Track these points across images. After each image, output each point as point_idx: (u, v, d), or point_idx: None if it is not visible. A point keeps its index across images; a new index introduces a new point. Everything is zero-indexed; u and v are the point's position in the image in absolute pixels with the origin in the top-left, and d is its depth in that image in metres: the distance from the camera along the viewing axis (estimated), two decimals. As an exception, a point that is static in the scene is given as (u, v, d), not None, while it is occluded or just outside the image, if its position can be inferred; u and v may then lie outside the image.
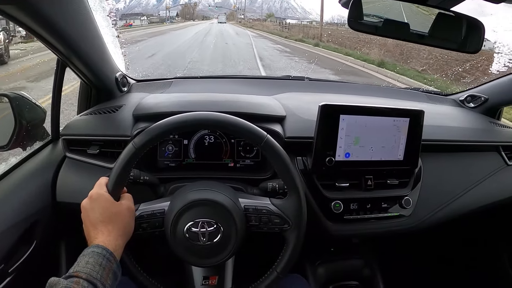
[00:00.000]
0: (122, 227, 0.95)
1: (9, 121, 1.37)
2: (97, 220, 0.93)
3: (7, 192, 1.24)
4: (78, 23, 1.18)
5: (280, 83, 1.99)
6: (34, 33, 1.08)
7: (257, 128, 1.04)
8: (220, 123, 1.03)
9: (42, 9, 0.99)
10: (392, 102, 1.67)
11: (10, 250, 1.16)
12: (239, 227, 1.02)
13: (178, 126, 1.03)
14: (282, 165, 1.04)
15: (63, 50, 1.21)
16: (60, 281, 0.77)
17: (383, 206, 1.33)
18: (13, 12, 0.97)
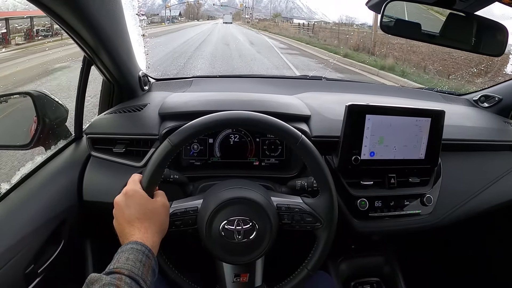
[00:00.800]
0: (158, 224, 0.95)
1: (27, 119, 1.36)
2: (133, 217, 0.92)
3: (34, 191, 1.24)
4: (112, 20, 1.18)
5: (297, 82, 2.02)
6: (69, 28, 1.08)
7: (293, 128, 1.06)
8: (257, 122, 1.05)
9: (83, 4, 1.00)
10: (409, 102, 1.70)
11: (39, 250, 1.15)
12: (273, 225, 1.04)
13: (216, 125, 1.05)
14: (316, 165, 1.06)
15: (94, 46, 1.21)
16: (102, 277, 0.76)
17: (405, 204, 1.36)
18: (54, 7, 0.97)
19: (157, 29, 39.02)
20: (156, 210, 0.96)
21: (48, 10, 0.97)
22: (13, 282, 1.06)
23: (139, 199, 0.95)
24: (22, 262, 1.09)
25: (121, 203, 0.95)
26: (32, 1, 0.91)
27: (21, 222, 1.14)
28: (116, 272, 0.79)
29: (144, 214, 0.93)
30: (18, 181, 1.24)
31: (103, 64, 1.32)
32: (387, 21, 1.21)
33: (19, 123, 1.40)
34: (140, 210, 0.93)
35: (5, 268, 1.03)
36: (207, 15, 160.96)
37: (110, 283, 0.75)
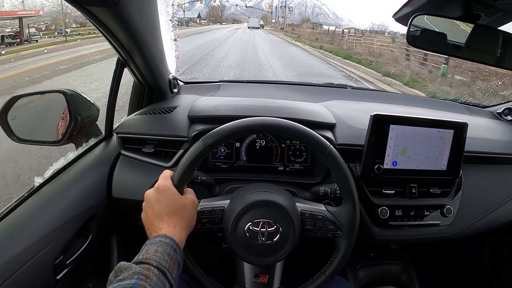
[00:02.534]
0: (186, 220, 0.97)
1: (55, 117, 1.41)
2: (163, 211, 0.94)
3: (66, 186, 1.28)
4: (149, 25, 1.23)
5: (323, 90, 2.03)
6: (107, 31, 1.13)
7: (322, 138, 1.08)
8: (288, 130, 1.07)
9: (126, 12, 1.04)
10: (433, 113, 1.70)
11: (68, 243, 1.20)
12: (296, 230, 1.06)
13: (249, 129, 1.08)
14: (342, 175, 1.09)
15: (130, 49, 1.25)
16: (132, 266, 0.79)
17: (425, 214, 1.37)
18: (99, 14, 1.02)
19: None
20: (185, 206, 0.98)
21: (92, 16, 1.02)
22: (43, 271, 1.11)
23: (169, 194, 0.97)
24: (52, 254, 1.13)
25: (152, 197, 0.97)
26: (77, 7, 0.96)
27: (52, 215, 1.18)
28: (145, 263, 0.81)
29: (174, 210, 0.95)
30: (51, 175, 1.28)
31: (136, 67, 1.37)
32: (413, 32, 1.22)
33: (52, 120, 1.45)
34: (170, 205, 0.96)
35: (36, 258, 1.07)
36: (232, 18, 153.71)
37: (140, 272, 0.77)
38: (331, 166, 1.09)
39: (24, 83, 7.66)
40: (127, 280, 0.75)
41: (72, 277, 1.20)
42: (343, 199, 1.11)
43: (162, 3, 1.27)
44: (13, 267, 1.02)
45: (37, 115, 1.47)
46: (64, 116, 1.41)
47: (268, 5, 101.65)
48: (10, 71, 9.22)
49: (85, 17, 1.03)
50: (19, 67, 9.18)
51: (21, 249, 1.05)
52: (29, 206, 1.17)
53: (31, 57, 11.38)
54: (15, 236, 1.08)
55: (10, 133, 1.33)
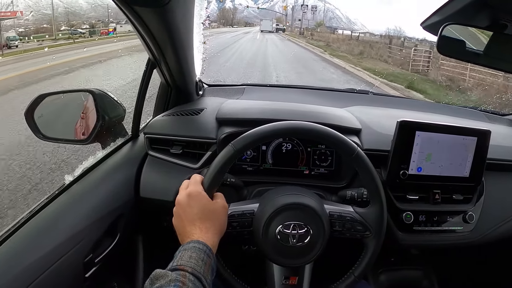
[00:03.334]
0: (218, 225, 0.98)
1: (74, 116, 1.43)
2: (196, 216, 0.95)
3: (95, 185, 1.29)
4: (186, 29, 1.24)
5: (345, 95, 2.05)
6: (148, 33, 1.15)
7: (349, 140, 1.10)
8: (317, 133, 1.09)
9: (171, 14, 1.06)
10: (454, 119, 1.71)
11: (98, 241, 1.20)
12: (326, 231, 1.08)
13: (278, 133, 1.10)
14: (370, 176, 1.10)
15: (165, 51, 1.27)
16: (168, 273, 0.79)
17: (448, 220, 1.38)
18: (144, 14, 1.03)
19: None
20: (217, 211, 0.99)
21: (136, 16, 1.03)
22: (73, 269, 1.11)
23: (201, 200, 0.98)
24: (82, 251, 1.14)
25: (183, 203, 0.98)
26: (126, 7, 0.97)
27: (83, 212, 1.19)
28: (180, 269, 0.81)
29: (206, 215, 0.96)
30: (80, 174, 1.29)
31: (167, 67, 1.38)
32: (442, 40, 1.23)
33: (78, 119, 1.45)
34: (202, 210, 0.96)
35: (67, 256, 1.08)
36: (244, 21, 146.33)
37: (176, 279, 0.77)
38: (359, 168, 1.11)
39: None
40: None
41: (99, 275, 1.21)
42: (371, 200, 1.13)
43: (197, 6, 1.28)
44: (46, 264, 1.02)
45: (64, 114, 1.47)
46: (84, 116, 1.42)
47: (283, 7, 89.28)
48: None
49: (127, 17, 1.05)
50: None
51: (52, 247, 1.05)
52: (60, 204, 1.18)
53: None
54: (47, 233, 1.08)
55: (36, 131, 1.34)
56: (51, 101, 1.38)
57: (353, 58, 19.90)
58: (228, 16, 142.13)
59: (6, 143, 4.31)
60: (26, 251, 1.02)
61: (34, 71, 8.95)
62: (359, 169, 1.11)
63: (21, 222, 1.08)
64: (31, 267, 0.99)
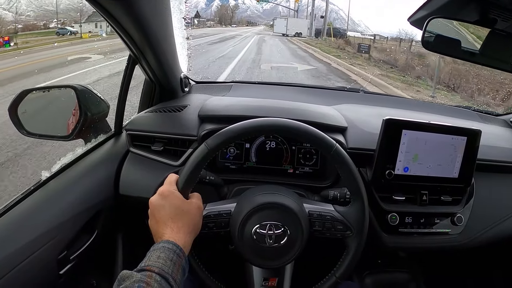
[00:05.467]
0: (191, 224, 0.95)
1: (68, 112, 1.39)
2: (167, 217, 0.93)
3: (74, 181, 1.25)
4: (161, 22, 1.21)
5: (335, 93, 2.00)
6: (120, 28, 1.11)
7: (328, 137, 1.05)
8: (292, 129, 1.04)
9: (137, 7, 1.02)
10: (446, 119, 1.65)
11: (73, 238, 1.17)
12: (305, 232, 1.03)
13: (251, 131, 1.05)
14: (349, 174, 1.05)
15: (141, 46, 1.23)
16: (133, 274, 0.77)
17: (435, 222, 1.32)
18: (111, 8, 1.00)
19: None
20: (190, 211, 0.96)
21: (103, 10, 1.00)
22: (46, 265, 1.08)
23: (174, 199, 0.96)
24: (56, 248, 1.11)
25: (156, 203, 0.96)
26: (92, 1, 0.93)
27: (58, 209, 1.15)
28: (147, 270, 0.79)
29: (178, 215, 0.93)
30: (58, 170, 1.25)
31: (148, 64, 1.34)
32: (427, 37, 1.19)
33: (61, 115, 1.42)
34: (174, 210, 0.94)
35: (40, 252, 1.05)
36: (247, 20, 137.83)
37: (141, 280, 0.75)
38: (338, 164, 1.06)
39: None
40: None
41: (75, 272, 1.17)
42: (352, 198, 1.08)
43: (175, 0, 1.25)
44: (17, 259, 1.00)
45: (47, 110, 1.44)
46: (75, 112, 1.40)
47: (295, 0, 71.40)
48: None
49: (97, 12, 1.01)
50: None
51: (25, 242, 1.03)
52: (35, 200, 1.15)
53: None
54: (20, 229, 1.06)
55: (19, 127, 1.32)
56: (34, 97, 1.35)
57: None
58: (226, 13, 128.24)
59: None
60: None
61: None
62: (338, 167, 1.06)
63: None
64: (1, 261, 0.97)
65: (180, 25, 1.37)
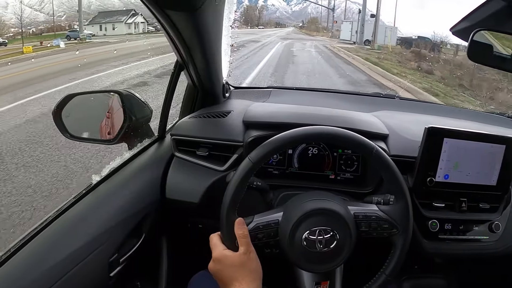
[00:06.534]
0: (252, 273, 0.97)
1: (101, 116, 1.43)
2: (228, 278, 0.96)
3: (122, 185, 1.27)
4: (216, 32, 1.22)
5: (371, 100, 2.00)
6: (178, 36, 1.12)
7: (367, 140, 1.05)
8: (332, 136, 1.05)
9: (203, 18, 1.04)
10: (482, 126, 1.65)
11: (122, 241, 1.18)
12: (353, 234, 1.04)
13: (294, 141, 1.05)
14: (391, 174, 1.06)
15: (194, 53, 1.24)
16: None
17: (474, 229, 1.32)
18: (176, 18, 1.01)
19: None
20: (245, 263, 0.98)
21: (168, 19, 1.01)
22: (98, 268, 1.09)
23: (227, 260, 0.98)
24: (108, 251, 1.12)
25: (214, 270, 0.99)
26: (158, 10, 0.95)
27: (108, 213, 1.17)
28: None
29: (236, 272, 0.96)
30: (107, 174, 1.27)
31: (195, 70, 1.35)
32: (473, 48, 1.18)
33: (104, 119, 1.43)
34: (232, 269, 0.96)
35: (93, 255, 1.06)
36: (276, 22, 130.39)
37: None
38: (379, 166, 1.06)
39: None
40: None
41: (123, 274, 1.18)
42: (395, 197, 1.08)
43: (226, 9, 1.26)
44: (71, 264, 1.01)
45: (91, 114, 1.45)
46: (111, 116, 1.41)
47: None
48: None
49: (157, 20, 1.02)
50: None
51: (78, 246, 1.04)
52: (86, 204, 1.16)
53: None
54: (73, 233, 1.07)
55: (63, 130, 1.33)
56: (78, 101, 1.36)
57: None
58: (253, 14, 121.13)
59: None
60: (52, 250, 1.01)
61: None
62: (379, 168, 1.07)
63: (48, 221, 1.07)
64: (57, 265, 0.98)
65: (227, 33, 1.38)
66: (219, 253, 0.99)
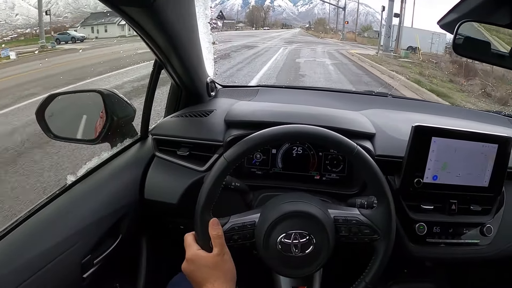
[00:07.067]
0: (224, 274, 0.96)
1: (94, 116, 1.40)
2: (201, 278, 0.95)
3: (99, 185, 1.24)
4: (185, 29, 1.19)
5: (363, 98, 1.94)
6: (144, 34, 1.09)
7: (348, 140, 1.01)
8: (312, 136, 1.01)
9: (162, 14, 1.00)
10: (476, 125, 1.59)
11: (97, 242, 1.16)
12: (331, 238, 0.99)
13: (269, 140, 1.01)
14: (373, 175, 1.00)
15: (167, 52, 1.21)
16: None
17: (464, 232, 1.26)
18: (134, 15, 0.98)
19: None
20: (218, 264, 0.96)
21: (127, 17, 0.98)
22: (70, 269, 1.08)
23: (200, 260, 0.96)
24: (80, 252, 1.10)
25: (187, 270, 0.98)
26: (113, 7, 0.92)
27: (83, 213, 1.15)
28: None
29: (209, 273, 0.95)
30: (84, 174, 1.25)
31: (173, 69, 1.32)
32: (458, 40, 1.13)
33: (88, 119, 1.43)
34: (204, 270, 0.95)
35: (64, 256, 1.05)
36: (282, 23, 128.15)
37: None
38: (361, 167, 1.01)
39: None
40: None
41: (99, 275, 1.16)
42: (377, 200, 1.03)
43: (201, 6, 1.24)
44: (41, 262, 1.00)
45: (74, 114, 1.44)
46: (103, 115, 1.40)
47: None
48: None
49: (121, 18, 1.00)
50: None
51: (49, 245, 1.03)
52: (60, 204, 1.14)
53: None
54: (45, 232, 1.06)
55: (46, 130, 1.32)
56: (61, 101, 1.35)
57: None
58: (258, 15, 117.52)
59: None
60: (23, 249, 1.00)
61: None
62: (361, 169, 1.02)
63: (20, 220, 1.06)
64: (27, 264, 0.97)
65: (206, 30, 1.36)
66: (192, 253, 0.97)
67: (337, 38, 47.33)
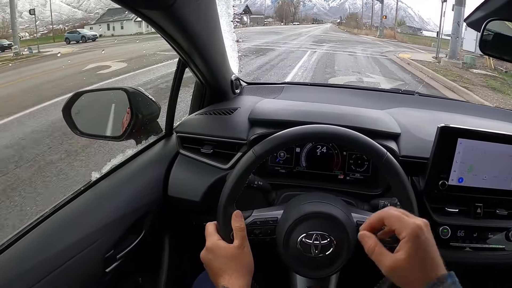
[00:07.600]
0: (242, 267, 0.94)
1: (120, 113, 1.42)
2: (218, 268, 0.93)
3: (123, 182, 1.26)
4: (208, 28, 1.19)
5: (389, 96, 1.91)
6: (165, 35, 1.09)
7: (378, 145, 0.98)
8: (341, 137, 0.99)
9: (182, 15, 1.00)
10: (505, 125, 1.54)
11: (120, 237, 1.17)
12: (351, 242, 0.97)
13: (299, 138, 1.00)
14: (400, 183, 0.97)
15: (189, 51, 1.22)
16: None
17: (489, 236, 1.22)
18: (154, 17, 0.98)
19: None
20: (238, 256, 0.94)
21: (147, 18, 0.98)
22: (93, 263, 1.09)
23: (219, 251, 0.95)
24: (104, 247, 1.11)
25: (205, 258, 0.96)
26: (131, 9, 0.92)
27: (107, 209, 1.16)
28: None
29: (227, 264, 0.93)
30: (108, 171, 1.26)
31: (197, 67, 1.32)
32: (486, 36, 1.09)
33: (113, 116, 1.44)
34: (223, 261, 0.94)
35: (87, 250, 1.06)
36: (312, 18, 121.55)
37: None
38: (388, 174, 0.98)
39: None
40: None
41: (121, 270, 1.18)
42: (401, 207, 0.99)
43: (223, 5, 1.24)
44: (65, 257, 1.01)
45: (99, 111, 1.46)
46: (119, 113, 1.42)
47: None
48: None
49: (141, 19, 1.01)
50: None
51: (74, 240, 1.05)
52: (84, 200, 1.16)
53: None
54: (69, 227, 1.08)
55: (73, 127, 1.35)
56: (87, 98, 1.38)
57: None
58: (288, 10, 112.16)
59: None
60: (48, 243, 1.02)
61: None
62: (388, 176, 0.99)
63: (45, 215, 1.08)
64: (51, 257, 0.99)
65: (229, 28, 1.36)
66: (213, 243, 0.96)
67: (372, 35, 41.63)
